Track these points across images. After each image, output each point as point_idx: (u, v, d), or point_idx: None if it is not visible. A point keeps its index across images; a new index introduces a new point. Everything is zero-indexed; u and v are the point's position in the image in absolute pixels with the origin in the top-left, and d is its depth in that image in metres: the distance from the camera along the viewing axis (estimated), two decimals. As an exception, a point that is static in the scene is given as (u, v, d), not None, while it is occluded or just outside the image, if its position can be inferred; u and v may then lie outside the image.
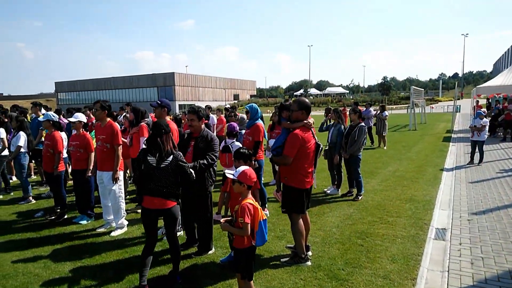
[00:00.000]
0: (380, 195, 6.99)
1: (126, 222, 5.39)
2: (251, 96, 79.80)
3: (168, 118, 5.14)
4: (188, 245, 4.61)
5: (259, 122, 5.64)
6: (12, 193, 7.60)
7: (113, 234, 5.16)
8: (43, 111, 8.45)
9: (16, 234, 5.22)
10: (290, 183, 3.92)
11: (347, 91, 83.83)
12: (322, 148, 4.09)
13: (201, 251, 4.43)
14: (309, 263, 4.06)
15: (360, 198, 6.70)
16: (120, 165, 5.36)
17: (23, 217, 6.09)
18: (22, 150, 6.98)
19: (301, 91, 75.94)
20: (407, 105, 37.98)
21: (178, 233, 4.98)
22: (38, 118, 7.92)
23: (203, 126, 4.47)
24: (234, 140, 5.59)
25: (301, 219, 4.04)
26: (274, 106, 13.99)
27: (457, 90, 27.17)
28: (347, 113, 11.60)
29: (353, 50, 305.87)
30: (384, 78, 69.34)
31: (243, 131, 5.92)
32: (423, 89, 32.23)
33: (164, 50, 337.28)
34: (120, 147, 5.26)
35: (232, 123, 5.92)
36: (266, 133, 6.54)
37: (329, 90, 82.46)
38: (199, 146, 4.31)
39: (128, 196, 7.03)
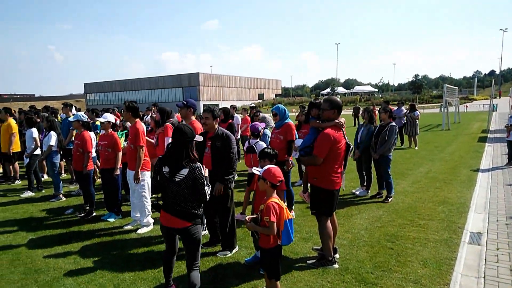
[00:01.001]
0: (411, 197, 6.79)
1: (152, 220, 5.52)
2: (276, 95, 79.60)
3: (193, 118, 5.21)
4: (212, 244, 4.67)
5: (290, 121, 5.63)
6: (43, 191, 7.97)
7: (139, 231, 5.30)
8: (73, 111, 8.80)
9: (47, 231, 5.46)
10: (320, 184, 3.87)
11: (376, 90, 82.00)
12: (352, 148, 4.02)
13: (225, 249, 4.46)
14: (336, 265, 4.00)
15: (390, 200, 6.54)
16: (146, 165, 5.50)
17: (54, 214, 6.36)
18: (53, 149, 7.30)
19: (328, 90, 75.02)
20: (440, 104, 36.70)
21: (202, 232, 5.04)
22: (69, 119, 8.27)
23: (217, 125, 4.52)
24: (258, 140, 5.60)
25: (329, 222, 3.99)
26: (299, 105, 13.86)
27: (493, 88, 25.97)
28: (377, 112, 11.38)
29: (382, 48, 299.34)
30: (416, 76, 67.26)
31: (267, 131, 5.91)
32: (456, 88, 31.04)
33: (189, 51, 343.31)
34: (143, 148, 5.39)
35: (255, 123, 5.94)
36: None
37: (357, 88, 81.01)
38: (216, 146, 4.36)
39: (154, 195, 7.18)
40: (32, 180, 7.78)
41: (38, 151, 7.79)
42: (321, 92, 76.61)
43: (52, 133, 7.31)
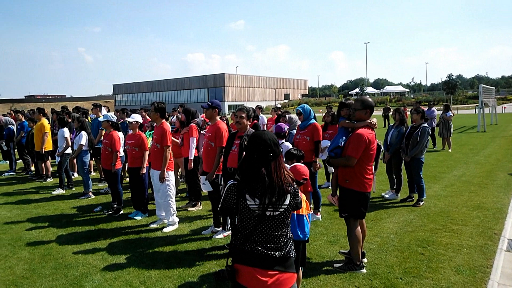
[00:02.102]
0: (443, 201, 6.56)
1: (177, 219, 5.62)
2: (302, 95, 79.17)
3: (218, 118, 5.26)
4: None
5: (316, 121, 5.57)
6: (74, 189, 8.29)
7: (165, 230, 5.42)
8: (103, 111, 9.12)
9: (77, 227, 5.68)
10: (352, 186, 3.81)
11: (407, 90, 79.89)
12: (382, 150, 3.95)
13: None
14: (364, 270, 3.93)
15: (421, 204, 6.35)
16: (170, 165, 5.61)
17: (83, 211, 6.61)
18: (84, 148, 7.59)
19: (357, 89, 73.68)
20: (475, 105, 35.26)
21: (227, 233, 5.10)
22: (98, 119, 8.59)
23: (249, 126, 4.56)
24: (284, 141, 5.59)
25: (358, 225, 3.93)
26: (326, 105, 13.73)
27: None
28: (408, 113, 11.08)
29: (414, 46, 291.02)
30: (449, 75, 64.81)
31: (294, 131, 5.88)
32: (493, 88, 29.68)
33: (215, 52, 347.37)
34: (169, 149, 5.50)
35: (280, 123, 5.93)
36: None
37: (387, 88, 79.29)
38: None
39: (179, 194, 7.33)
40: (63, 178, 8.12)
41: (69, 150, 8.12)
42: (350, 92, 75.45)
43: (83, 132, 7.60)
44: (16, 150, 10.74)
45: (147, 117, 8.71)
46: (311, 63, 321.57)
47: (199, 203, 6.62)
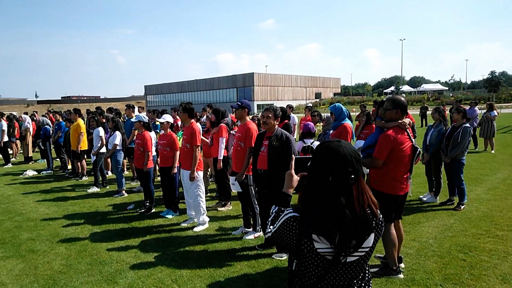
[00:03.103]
0: (486, 205, 6.25)
1: (207, 219, 5.70)
2: (334, 94, 78.04)
3: (248, 119, 5.28)
4: (267, 245, 4.70)
5: (347, 122, 5.46)
6: (108, 187, 8.62)
7: (195, 229, 5.51)
8: (136, 112, 9.42)
9: (111, 224, 5.89)
10: (380, 188, 3.72)
11: (446, 88, 76.78)
12: (419, 152, 3.81)
13: (281, 251, 4.47)
14: (401, 275, 3.81)
15: (462, 207, 6.08)
16: (200, 164, 5.70)
17: (116, 209, 6.85)
18: (118, 147, 7.87)
19: (392, 88, 71.68)
20: (523, 102, 33.29)
21: (257, 234, 5.11)
22: (131, 119, 8.87)
23: (277, 126, 4.53)
24: (314, 140, 5.53)
25: (393, 228, 3.82)
26: (360, 105, 13.45)
27: None
28: (447, 112, 10.65)
29: (453, 42, 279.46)
30: (492, 72, 61.67)
31: (330, 132, 5.79)
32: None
33: (244, 51, 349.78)
34: (198, 148, 5.60)
35: (308, 122, 5.87)
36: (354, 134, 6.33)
37: (424, 87, 76.50)
38: (273, 145, 4.36)
39: (208, 194, 7.44)
40: (98, 177, 8.46)
41: (103, 150, 8.45)
42: (384, 91, 73.54)
43: (117, 132, 7.89)
44: (53, 149, 11.30)
45: (177, 117, 8.90)
46: (343, 61, 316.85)
47: (229, 203, 6.68)
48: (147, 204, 6.59)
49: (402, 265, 4.00)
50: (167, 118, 6.18)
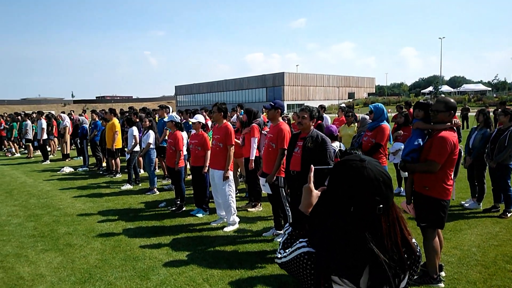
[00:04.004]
0: (537, 214, 5.90)
1: (237, 219, 5.74)
2: (368, 94, 76.43)
3: (280, 119, 5.26)
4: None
5: (385, 124, 5.29)
6: (140, 184, 8.88)
7: (225, 229, 5.56)
8: (171, 112, 9.67)
9: (144, 221, 6.07)
10: (432, 193, 3.60)
11: (489, 89, 73.18)
12: (463, 154, 3.67)
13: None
14: (442, 284, 3.67)
15: (508, 215, 5.77)
16: (230, 165, 5.74)
17: (148, 206, 7.05)
18: (151, 146, 8.10)
19: (430, 88, 69.24)
20: None
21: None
22: (164, 119, 9.12)
23: (312, 127, 4.48)
24: (338, 143, 5.45)
25: (436, 235, 3.69)
26: (396, 105, 13.08)
27: None
28: (491, 114, 10.15)
29: (497, 40, 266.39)
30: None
31: (364, 133, 5.66)
32: None
33: (274, 51, 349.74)
34: (233, 147, 5.65)
35: (330, 125, 5.77)
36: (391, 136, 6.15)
37: (465, 87, 73.28)
38: (308, 147, 4.32)
39: (238, 194, 7.49)
40: (131, 174, 8.74)
41: (137, 148, 8.72)
42: (422, 91, 71.14)
43: (151, 132, 8.13)
44: (89, 147, 11.79)
45: (207, 117, 9.05)
46: (378, 60, 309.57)
47: (259, 204, 6.69)
48: (178, 202, 6.73)
49: (443, 273, 3.85)
50: (199, 118, 6.28)
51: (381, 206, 1.20)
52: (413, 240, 1.31)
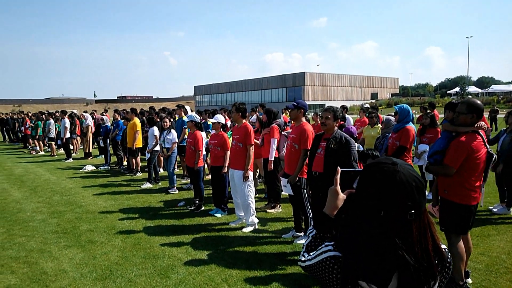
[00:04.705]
0: None
1: (256, 220, 5.75)
2: (392, 94, 75.17)
3: (303, 119, 5.23)
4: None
5: (410, 125, 5.17)
6: (160, 183, 9.03)
7: (244, 230, 5.58)
8: (189, 112, 9.80)
9: (163, 220, 6.16)
10: (451, 197, 3.53)
11: (520, 89, 70.65)
12: (495, 158, 3.55)
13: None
14: (467, 291, 3.58)
15: (541, 222, 5.56)
16: (250, 165, 5.76)
17: (168, 205, 7.15)
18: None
19: (457, 89, 67.43)
20: None
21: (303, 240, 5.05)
22: (182, 119, 9.25)
23: (336, 127, 4.44)
24: (357, 144, 5.39)
25: (461, 241, 3.60)
26: (420, 106, 12.82)
27: None
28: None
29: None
30: None
31: (390, 134, 5.56)
32: None
33: (295, 51, 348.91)
34: (252, 147, 5.67)
35: (349, 126, 5.69)
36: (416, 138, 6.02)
37: (494, 88, 70.97)
38: (331, 148, 4.27)
39: (257, 195, 7.50)
40: (151, 173, 8.90)
41: (157, 147, 8.86)
42: (448, 92, 69.43)
43: (174, 131, 8.26)
44: (111, 146, 12.07)
45: (226, 117, 9.11)
46: (402, 60, 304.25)
47: (278, 205, 6.68)
48: (197, 202, 6.80)
49: (470, 280, 3.75)
50: (219, 118, 6.33)
51: (413, 211, 1.18)
52: (443, 246, 1.30)
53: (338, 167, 1.48)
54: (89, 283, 4.00)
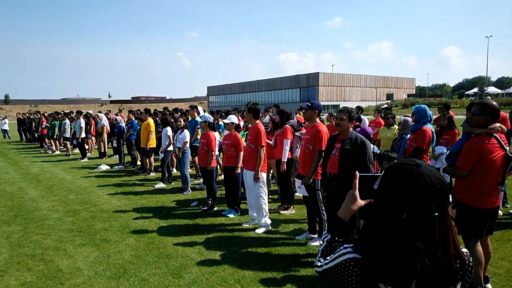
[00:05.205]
0: None
1: (269, 221, 5.74)
2: (408, 95, 74.22)
3: (318, 120, 5.21)
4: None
5: (427, 126, 5.08)
6: (173, 183, 9.11)
7: (257, 231, 5.58)
8: (201, 112, 9.86)
9: (176, 220, 6.21)
10: (464, 200, 3.49)
11: (542, 90, 68.86)
12: None
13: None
14: (487, 297, 3.50)
15: None
16: (263, 166, 5.77)
17: (181, 205, 7.21)
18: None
19: (475, 89, 66.19)
20: None
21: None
22: (195, 119, 9.32)
23: (351, 128, 4.40)
24: (373, 145, 5.32)
25: (479, 244, 3.53)
26: (438, 107, 12.61)
27: None
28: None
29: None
30: None
31: (407, 136, 5.49)
32: None
33: (309, 51, 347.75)
34: (263, 149, 5.66)
35: (365, 127, 5.62)
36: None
37: (514, 88, 69.45)
38: (346, 149, 4.24)
39: (270, 196, 7.49)
40: (165, 173, 8.98)
41: (171, 147, 8.95)
42: (466, 92, 68.19)
43: (186, 131, 8.33)
44: (125, 146, 12.23)
45: (240, 118, 9.13)
46: (419, 60, 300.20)
47: (292, 207, 6.66)
48: (210, 202, 6.83)
49: (489, 286, 3.68)
50: (232, 118, 6.35)
51: (436, 214, 1.16)
52: (464, 250, 1.28)
53: (357, 172, 1.47)
54: (103, 281, 4.05)
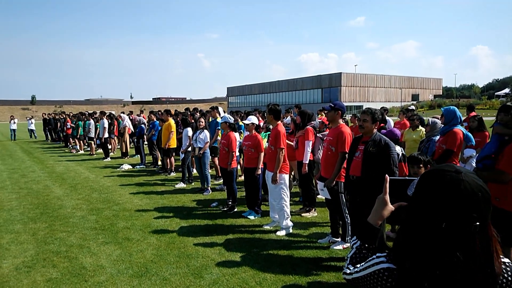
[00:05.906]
0: None
1: (291, 224, 5.72)
2: (434, 96, 72.60)
3: (341, 121, 5.15)
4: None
5: (458, 128, 4.94)
6: (193, 183, 9.22)
7: (278, 233, 5.57)
8: (221, 113, 9.93)
9: (197, 220, 6.27)
10: (503, 205, 3.36)
11: None
12: None
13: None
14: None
15: None
16: (284, 168, 5.75)
17: (201, 205, 7.28)
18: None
19: (506, 90, 64.11)
20: None
21: (346, 244, 4.97)
22: (216, 120, 9.40)
23: (375, 130, 4.33)
24: (400, 148, 5.22)
25: None
26: (467, 107, 12.24)
27: None
28: None
29: None
30: None
31: (436, 138, 5.36)
32: None
33: (331, 51, 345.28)
34: (283, 151, 5.65)
35: (393, 128, 5.51)
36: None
37: (549, 89, 66.82)
38: (369, 151, 4.17)
39: (291, 198, 7.45)
40: (185, 173, 9.10)
41: (190, 148, 9.05)
42: (496, 93, 66.07)
43: (206, 131, 8.41)
44: (146, 146, 12.46)
45: (260, 118, 9.14)
46: (446, 60, 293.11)
47: (314, 209, 6.61)
48: (230, 203, 6.87)
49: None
50: (253, 119, 6.37)
51: (477, 223, 1.11)
52: (507, 260, 1.23)
53: (387, 175, 1.43)
54: (125, 279, 4.14)
